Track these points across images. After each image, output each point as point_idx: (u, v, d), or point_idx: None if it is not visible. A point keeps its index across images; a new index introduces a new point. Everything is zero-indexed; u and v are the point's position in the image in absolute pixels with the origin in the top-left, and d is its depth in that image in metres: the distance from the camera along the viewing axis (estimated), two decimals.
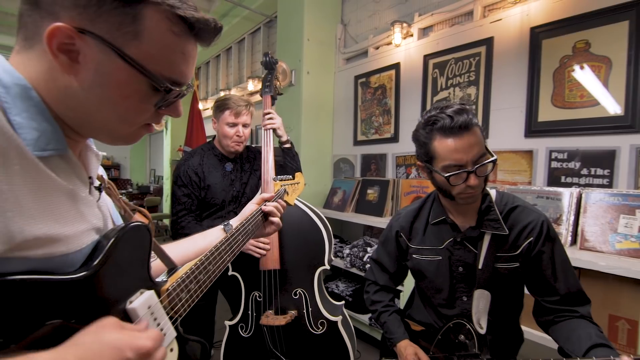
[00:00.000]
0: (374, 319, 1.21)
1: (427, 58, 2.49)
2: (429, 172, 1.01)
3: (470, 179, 0.89)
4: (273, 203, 1.01)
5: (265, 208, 0.99)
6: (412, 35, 2.60)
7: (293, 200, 1.18)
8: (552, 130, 1.89)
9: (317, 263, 1.49)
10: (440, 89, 2.42)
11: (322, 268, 1.50)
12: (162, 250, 0.61)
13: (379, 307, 1.18)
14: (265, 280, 1.45)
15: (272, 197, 1.04)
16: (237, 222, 0.93)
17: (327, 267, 1.50)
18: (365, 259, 2.41)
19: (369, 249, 2.47)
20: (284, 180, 1.17)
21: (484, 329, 0.95)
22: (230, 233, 0.76)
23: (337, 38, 3.22)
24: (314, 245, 1.49)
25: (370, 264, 1.27)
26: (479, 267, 0.97)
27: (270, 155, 1.57)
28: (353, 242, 2.73)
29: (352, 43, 3.15)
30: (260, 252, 1.43)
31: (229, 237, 0.74)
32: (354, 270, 2.51)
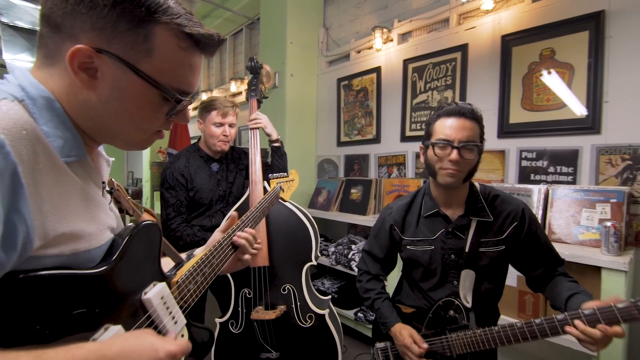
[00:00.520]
0: (368, 306, 1.29)
1: (406, 62, 2.60)
2: (425, 150, 1.12)
3: (453, 154, 1.01)
4: (243, 234, 0.85)
5: (237, 240, 0.83)
6: (392, 40, 2.70)
7: (288, 197, 1.24)
8: (522, 132, 2.03)
9: (304, 259, 1.56)
10: (419, 92, 2.53)
11: (309, 264, 1.57)
12: (169, 246, 0.66)
13: (372, 294, 1.25)
14: (256, 277, 1.51)
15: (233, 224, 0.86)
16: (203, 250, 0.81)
17: (314, 262, 1.57)
18: (350, 256, 2.49)
19: (354, 247, 2.55)
20: (280, 178, 1.23)
21: (470, 304, 1.09)
22: (232, 229, 0.82)
23: (319, 41, 3.29)
24: (302, 242, 1.56)
25: (363, 255, 1.35)
26: (466, 250, 1.10)
27: (258, 157, 1.63)
28: (338, 240, 2.80)
29: (334, 46, 3.23)
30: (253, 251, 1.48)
31: (230, 233, 0.79)
32: (339, 268, 2.58)
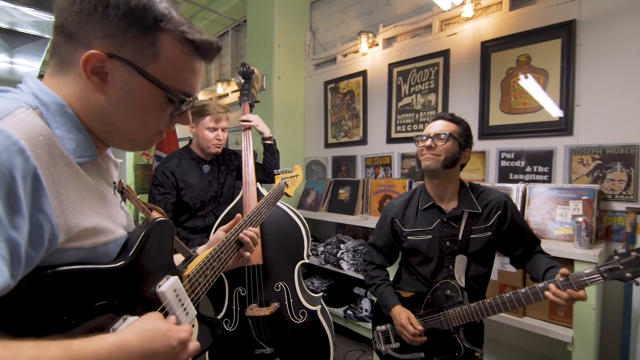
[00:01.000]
0: (372, 292, 1.43)
1: (391, 66, 2.68)
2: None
3: (427, 142, 1.27)
4: (249, 232, 0.87)
5: (243, 238, 0.86)
6: (377, 45, 2.78)
7: (292, 192, 1.29)
8: (501, 133, 2.14)
9: (297, 257, 1.61)
10: (404, 95, 2.62)
11: (301, 262, 1.62)
12: (179, 242, 0.70)
13: (377, 280, 1.40)
14: (250, 276, 1.54)
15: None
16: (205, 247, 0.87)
17: (306, 260, 1.62)
18: (339, 256, 2.55)
19: (342, 246, 2.61)
20: (284, 174, 1.28)
21: (464, 284, 1.27)
22: (239, 225, 0.86)
23: (306, 45, 3.35)
24: (294, 241, 1.61)
25: (368, 248, 1.50)
26: (459, 237, 1.28)
27: (250, 159, 1.67)
28: (326, 240, 2.86)
29: (321, 50, 3.29)
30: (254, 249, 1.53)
31: (237, 228, 0.84)
32: (329, 267, 2.64)
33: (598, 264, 1.04)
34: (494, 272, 1.85)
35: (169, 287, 0.59)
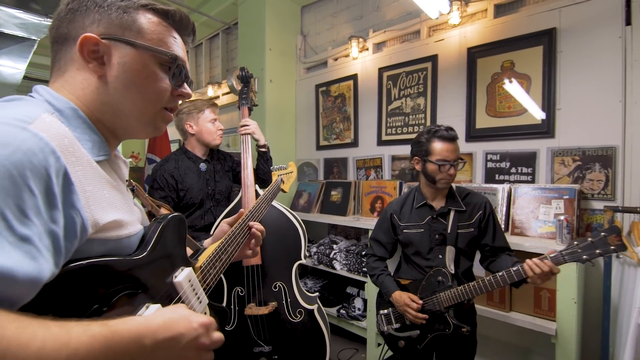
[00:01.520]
0: (374, 281, 1.61)
1: (381, 70, 2.75)
2: (424, 163, 1.48)
3: (451, 170, 1.43)
4: (260, 226, 0.94)
5: (255, 232, 0.93)
6: (367, 49, 2.85)
7: (288, 188, 1.34)
8: (487, 136, 2.23)
9: (294, 258, 1.64)
10: (394, 99, 2.70)
11: (298, 262, 1.65)
12: (187, 236, 0.73)
13: (377, 271, 1.59)
14: (249, 276, 1.57)
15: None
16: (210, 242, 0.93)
17: (303, 261, 1.66)
18: (332, 256, 2.60)
19: (335, 247, 2.65)
20: (280, 171, 1.33)
21: (453, 271, 1.45)
22: (242, 219, 0.90)
23: (297, 48, 3.40)
24: (292, 242, 1.64)
25: (370, 243, 1.69)
26: (448, 232, 1.47)
27: (249, 161, 1.71)
28: (319, 240, 2.90)
29: (312, 54, 3.34)
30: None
31: (241, 223, 0.88)
32: (322, 267, 2.68)
33: (561, 249, 1.22)
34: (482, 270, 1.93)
35: (185, 277, 0.62)
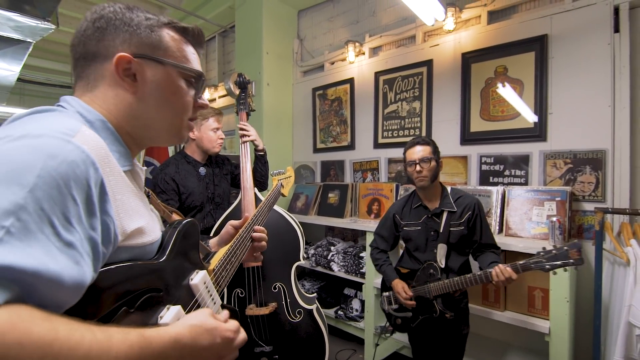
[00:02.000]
0: (377, 270, 1.85)
1: (377, 75, 2.80)
2: (405, 168, 1.73)
3: (417, 167, 1.63)
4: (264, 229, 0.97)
5: (255, 235, 0.96)
6: (364, 54, 2.90)
7: (287, 192, 1.37)
8: (481, 139, 2.28)
9: (293, 259, 1.67)
10: (390, 103, 2.74)
11: (297, 263, 1.68)
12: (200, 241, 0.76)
13: (380, 262, 1.83)
14: (250, 277, 1.60)
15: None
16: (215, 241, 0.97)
17: (302, 262, 1.69)
18: (330, 258, 2.63)
19: (332, 248, 2.69)
20: (279, 175, 1.36)
21: (443, 265, 1.64)
22: (248, 223, 0.93)
23: (294, 52, 3.43)
24: (291, 244, 1.67)
25: (375, 237, 1.91)
26: (440, 230, 1.65)
27: (248, 165, 1.73)
28: (317, 242, 2.93)
29: (308, 57, 3.38)
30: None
31: (248, 226, 0.90)
32: (320, 269, 2.71)
33: (529, 258, 1.41)
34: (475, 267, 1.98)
35: (200, 280, 0.65)
